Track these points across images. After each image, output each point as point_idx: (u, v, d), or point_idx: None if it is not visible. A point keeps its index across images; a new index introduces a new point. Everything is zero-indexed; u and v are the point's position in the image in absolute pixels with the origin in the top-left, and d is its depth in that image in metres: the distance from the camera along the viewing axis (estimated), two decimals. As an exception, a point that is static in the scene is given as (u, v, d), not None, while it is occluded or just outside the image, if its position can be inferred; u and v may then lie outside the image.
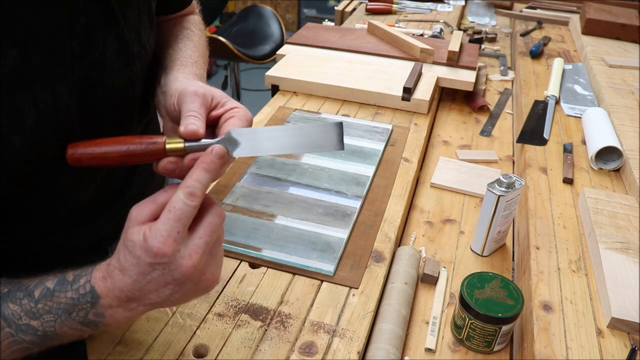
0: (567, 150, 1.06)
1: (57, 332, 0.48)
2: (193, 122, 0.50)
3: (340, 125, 0.50)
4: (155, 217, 0.47)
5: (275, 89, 1.28)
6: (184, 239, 0.46)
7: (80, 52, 0.54)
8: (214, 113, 0.55)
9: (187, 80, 0.60)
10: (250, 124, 0.55)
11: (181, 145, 0.50)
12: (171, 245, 0.44)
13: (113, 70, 0.58)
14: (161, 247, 0.44)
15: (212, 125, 0.55)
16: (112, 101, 0.59)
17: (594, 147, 1.01)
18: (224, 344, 0.64)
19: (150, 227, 0.45)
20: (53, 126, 0.52)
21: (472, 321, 0.66)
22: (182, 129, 0.50)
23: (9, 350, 0.48)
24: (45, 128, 0.51)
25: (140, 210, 0.47)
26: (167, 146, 0.50)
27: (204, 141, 0.50)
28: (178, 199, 0.45)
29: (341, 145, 0.50)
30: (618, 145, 1.00)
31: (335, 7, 1.94)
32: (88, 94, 0.56)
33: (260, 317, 0.68)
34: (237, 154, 0.50)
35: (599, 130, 1.06)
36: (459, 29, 1.82)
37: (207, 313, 0.68)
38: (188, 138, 0.50)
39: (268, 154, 0.51)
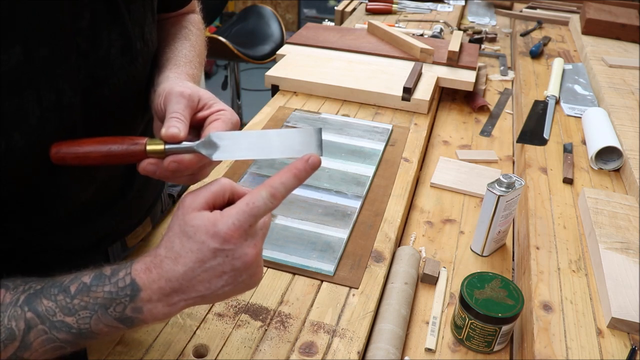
0: (567, 150, 1.06)
1: (92, 330, 0.46)
2: (174, 125, 0.51)
3: (319, 131, 0.51)
4: (210, 205, 0.47)
5: (275, 89, 1.28)
6: (252, 233, 0.46)
7: (85, 49, 0.54)
8: (200, 114, 0.55)
9: (177, 80, 0.60)
10: (236, 127, 0.55)
11: (161, 147, 0.50)
12: (241, 234, 0.45)
13: (118, 68, 0.58)
14: (230, 233, 0.44)
15: (198, 127, 0.55)
16: (115, 99, 0.59)
17: (594, 147, 1.01)
18: (224, 344, 0.64)
19: (222, 213, 0.45)
20: (55, 125, 0.52)
21: (472, 321, 0.66)
22: (163, 131, 0.50)
23: (42, 349, 0.46)
24: (48, 127, 0.51)
25: (194, 199, 0.47)
26: (148, 148, 0.50)
27: (185, 144, 0.51)
28: (260, 197, 0.45)
29: (320, 150, 0.50)
30: (618, 145, 1.00)
31: (335, 7, 1.94)
32: (92, 92, 0.56)
33: (260, 317, 0.68)
34: (217, 157, 0.50)
35: (599, 130, 1.06)
36: (459, 29, 1.82)
37: (207, 313, 0.68)
38: (168, 141, 0.50)
39: (247, 158, 0.51)
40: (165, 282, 0.46)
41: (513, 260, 0.86)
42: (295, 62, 1.34)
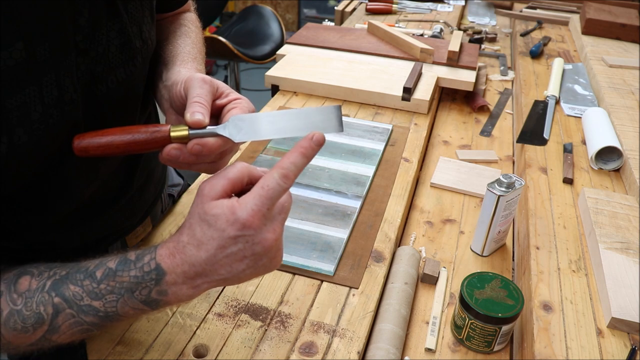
0: (567, 150, 1.06)
1: (119, 312, 0.48)
2: (198, 111, 0.51)
3: (338, 107, 0.52)
4: (228, 193, 0.47)
5: (275, 89, 1.28)
6: (271, 216, 0.47)
7: (84, 46, 0.54)
8: (218, 102, 0.56)
9: (191, 72, 0.61)
10: None
11: (185, 132, 0.51)
12: (260, 219, 0.46)
13: (116, 65, 0.59)
14: (249, 219, 0.45)
15: (216, 115, 0.56)
16: (115, 96, 0.60)
17: (594, 147, 1.01)
18: (224, 344, 0.64)
19: (239, 200, 0.46)
20: (57, 121, 0.52)
21: (472, 321, 0.66)
22: (188, 116, 0.51)
23: (70, 331, 0.49)
24: (50, 122, 0.51)
25: (212, 187, 0.47)
26: (172, 134, 0.51)
27: (208, 128, 0.51)
28: (272, 179, 0.46)
29: (340, 127, 0.51)
30: (618, 145, 1.00)
31: (335, 7, 1.94)
32: (92, 88, 0.57)
33: (260, 317, 0.68)
34: (240, 139, 0.51)
35: (599, 130, 1.06)
36: (459, 29, 1.82)
37: (207, 313, 0.68)
38: (193, 127, 0.51)
39: (270, 137, 0.52)
40: (188, 266, 0.47)
41: (513, 260, 0.86)
42: (295, 62, 1.34)
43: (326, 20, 1.90)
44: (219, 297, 0.71)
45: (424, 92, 1.23)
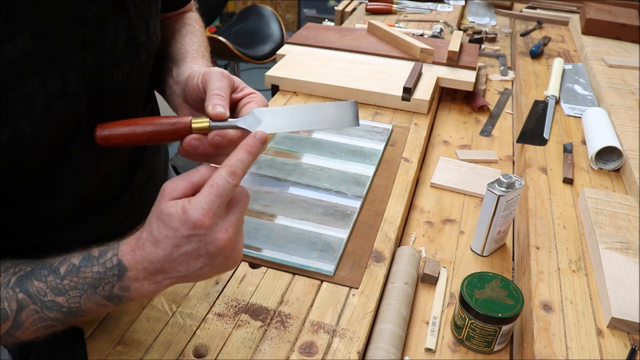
0: (567, 150, 1.06)
1: (82, 308, 0.49)
2: (219, 104, 0.52)
3: (355, 103, 0.54)
4: (187, 195, 0.48)
5: (275, 89, 1.28)
6: (222, 214, 0.47)
7: (91, 40, 0.55)
8: (234, 96, 0.56)
9: (204, 68, 0.61)
10: None
11: (207, 124, 0.52)
12: (210, 218, 0.46)
13: (122, 60, 0.59)
14: (201, 218, 0.45)
15: (231, 108, 0.56)
16: (119, 90, 0.60)
17: (594, 147, 1.01)
18: (224, 344, 0.64)
19: (190, 200, 0.46)
20: (60, 111, 0.52)
21: (472, 321, 0.66)
22: (209, 108, 0.52)
23: (34, 327, 0.49)
24: (53, 112, 0.52)
25: (174, 187, 0.48)
26: (194, 125, 0.52)
27: (229, 120, 0.52)
28: (220, 176, 0.47)
29: (356, 121, 0.53)
30: (618, 145, 1.00)
31: (335, 7, 1.94)
32: (97, 81, 0.57)
33: (260, 317, 0.68)
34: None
35: (599, 130, 1.06)
36: (459, 29, 1.82)
37: (207, 313, 0.68)
38: (215, 119, 0.51)
39: (289, 130, 0.53)
40: (148, 263, 0.48)
41: (513, 260, 0.86)
42: (295, 62, 1.34)
43: (326, 20, 1.90)
44: (219, 297, 0.71)
45: (424, 92, 1.23)
